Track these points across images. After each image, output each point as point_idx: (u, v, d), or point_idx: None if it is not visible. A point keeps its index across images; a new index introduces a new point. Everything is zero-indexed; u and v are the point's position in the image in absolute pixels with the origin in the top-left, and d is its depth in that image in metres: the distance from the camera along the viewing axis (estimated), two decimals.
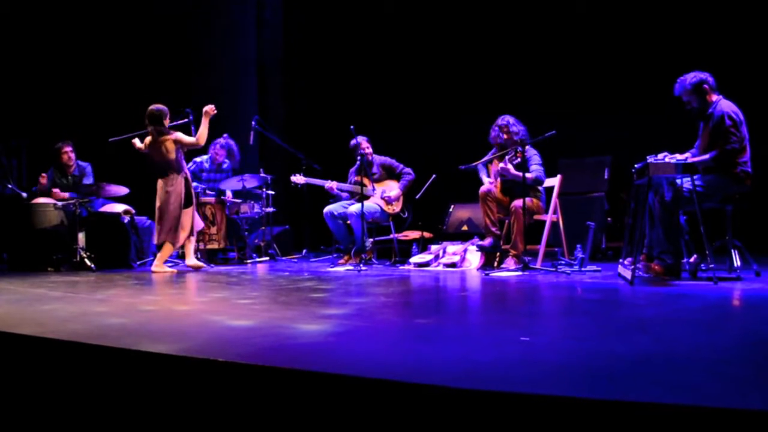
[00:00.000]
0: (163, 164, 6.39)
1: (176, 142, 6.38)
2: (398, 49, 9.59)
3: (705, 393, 1.69)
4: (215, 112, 6.45)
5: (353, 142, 7.30)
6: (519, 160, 5.84)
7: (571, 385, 1.78)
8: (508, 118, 6.35)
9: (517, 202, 5.90)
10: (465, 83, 9.08)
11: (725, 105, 4.81)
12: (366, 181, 7.13)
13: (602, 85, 8.09)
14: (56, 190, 7.19)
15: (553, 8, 8.58)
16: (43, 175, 7.23)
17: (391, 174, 7.58)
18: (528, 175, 5.88)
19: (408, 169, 7.54)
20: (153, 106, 6.46)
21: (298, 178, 7.52)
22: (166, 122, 6.41)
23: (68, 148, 7.42)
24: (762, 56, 7.33)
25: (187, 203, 6.44)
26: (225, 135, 8.06)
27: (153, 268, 6.35)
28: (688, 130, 5.16)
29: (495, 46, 8.91)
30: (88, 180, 7.46)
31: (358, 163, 7.23)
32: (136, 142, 6.53)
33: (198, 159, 7.97)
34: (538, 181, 6.18)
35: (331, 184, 7.43)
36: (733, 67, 7.09)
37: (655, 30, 7.88)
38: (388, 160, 7.60)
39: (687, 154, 5.00)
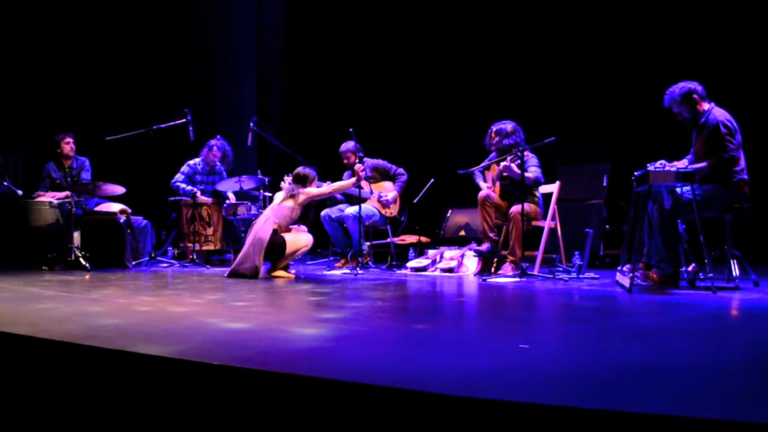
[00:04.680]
0: (281, 219, 5.92)
1: (295, 200, 5.97)
2: (398, 53, 9.58)
3: (707, 404, 1.67)
4: (359, 180, 6.28)
5: (342, 147, 7.41)
6: (519, 161, 5.82)
7: (570, 395, 1.76)
8: (500, 125, 6.34)
9: (516, 208, 5.88)
10: (464, 88, 9.07)
11: (719, 113, 4.80)
12: (364, 183, 7.10)
13: (602, 93, 8.08)
14: (53, 193, 7.15)
15: (553, 17, 8.58)
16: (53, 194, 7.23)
17: (385, 176, 7.59)
18: (527, 174, 5.85)
19: (401, 170, 7.54)
20: (302, 169, 6.16)
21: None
22: (310, 186, 6.09)
23: (69, 139, 7.44)
24: (757, 63, 7.35)
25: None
26: (218, 136, 8.02)
27: (271, 273, 5.89)
28: (686, 137, 5.15)
29: (495, 52, 8.91)
30: (87, 174, 7.45)
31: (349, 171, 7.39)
32: (281, 198, 6.17)
33: (192, 162, 7.93)
34: (538, 181, 6.16)
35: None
36: (731, 73, 7.12)
37: (653, 39, 7.88)
38: (381, 162, 7.61)
39: (684, 161, 4.99)
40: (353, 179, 6.33)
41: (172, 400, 2.13)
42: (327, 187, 6.31)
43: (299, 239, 6.00)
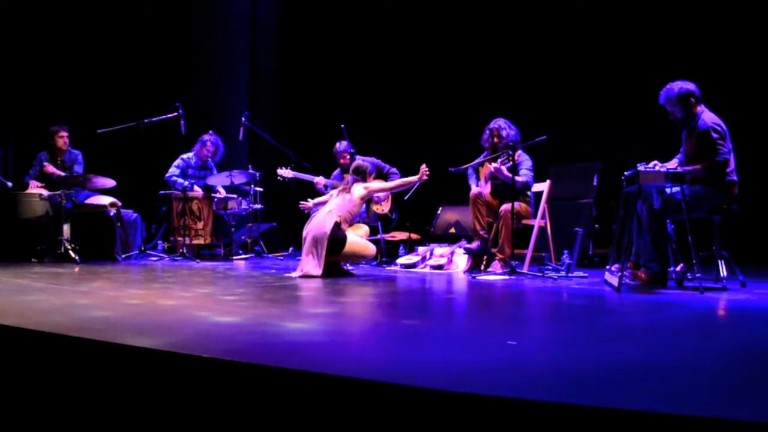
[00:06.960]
0: (345, 213, 5.61)
1: (366, 189, 5.80)
2: (391, 50, 9.57)
3: (693, 402, 1.68)
4: (421, 180, 6.02)
5: (336, 147, 7.40)
6: (510, 163, 5.83)
7: (557, 391, 1.77)
8: (500, 122, 6.35)
9: (506, 206, 5.89)
10: (457, 86, 9.07)
11: (707, 118, 4.80)
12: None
13: (594, 93, 8.10)
14: (52, 170, 7.16)
15: (548, 17, 8.59)
16: (38, 184, 7.21)
17: (378, 174, 7.56)
18: (517, 178, 5.88)
19: (395, 169, 7.53)
20: (361, 162, 6.04)
21: (285, 172, 7.50)
22: (369, 180, 6.00)
23: (64, 133, 7.42)
24: (749, 64, 7.39)
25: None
26: (211, 132, 8.01)
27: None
28: (677, 137, 5.16)
29: (489, 50, 8.92)
30: (79, 167, 7.44)
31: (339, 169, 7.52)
32: (316, 200, 6.11)
33: (185, 156, 7.91)
34: (527, 186, 6.18)
35: (319, 180, 7.43)
36: (723, 73, 7.15)
37: (647, 40, 7.91)
38: (374, 160, 7.59)
39: (674, 161, 5.01)
40: (416, 177, 6.02)
41: (161, 393, 2.13)
42: (391, 183, 6.22)
43: (364, 246, 5.63)
